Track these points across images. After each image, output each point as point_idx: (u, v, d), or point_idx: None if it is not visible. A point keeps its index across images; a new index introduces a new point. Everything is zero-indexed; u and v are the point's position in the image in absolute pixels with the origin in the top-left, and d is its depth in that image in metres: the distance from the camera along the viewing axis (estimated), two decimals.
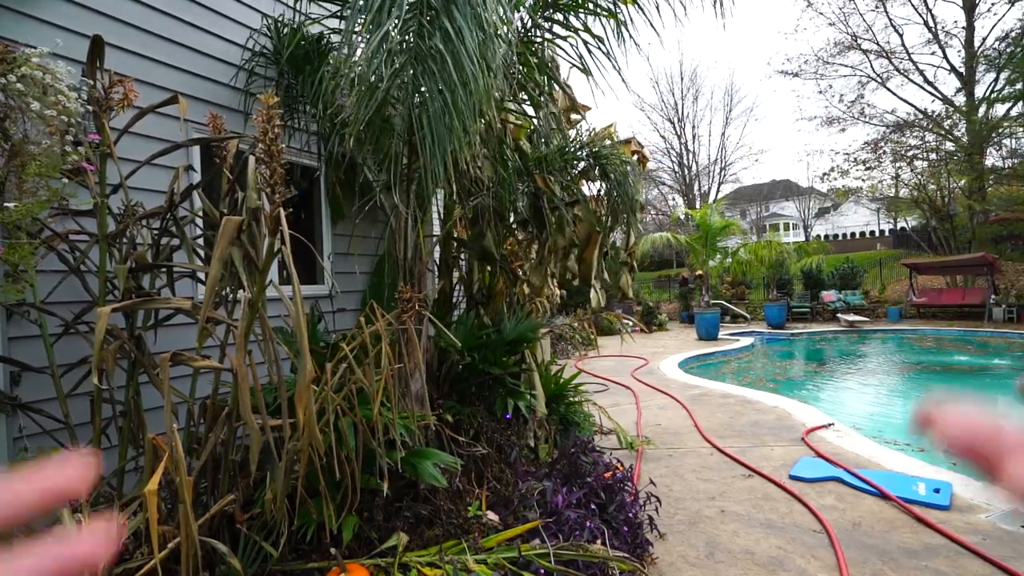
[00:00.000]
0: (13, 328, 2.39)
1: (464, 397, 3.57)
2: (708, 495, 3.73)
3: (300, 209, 4.24)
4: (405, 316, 2.59)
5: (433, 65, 2.37)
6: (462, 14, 2.26)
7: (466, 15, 2.26)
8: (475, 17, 2.27)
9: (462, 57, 2.24)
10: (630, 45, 3.18)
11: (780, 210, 42.70)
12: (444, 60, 2.29)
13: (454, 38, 2.26)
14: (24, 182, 1.95)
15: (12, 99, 1.90)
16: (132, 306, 1.89)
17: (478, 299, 4.24)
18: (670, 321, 18.25)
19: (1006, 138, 19.44)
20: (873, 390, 8.33)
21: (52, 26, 2.61)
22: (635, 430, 5.29)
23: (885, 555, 2.85)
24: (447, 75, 2.28)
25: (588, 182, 4.51)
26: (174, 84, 3.16)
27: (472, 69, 2.24)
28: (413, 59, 2.43)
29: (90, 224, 2.43)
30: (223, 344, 2.29)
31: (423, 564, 2.10)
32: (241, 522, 1.97)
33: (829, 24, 22.37)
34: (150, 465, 1.76)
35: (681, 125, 29.54)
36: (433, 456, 2.53)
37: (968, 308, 15.61)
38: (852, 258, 21.65)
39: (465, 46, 2.24)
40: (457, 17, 2.26)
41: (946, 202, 20.64)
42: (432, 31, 2.32)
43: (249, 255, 1.88)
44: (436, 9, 2.31)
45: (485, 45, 2.28)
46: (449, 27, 2.27)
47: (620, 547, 2.55)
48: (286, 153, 1.90)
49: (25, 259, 1.98)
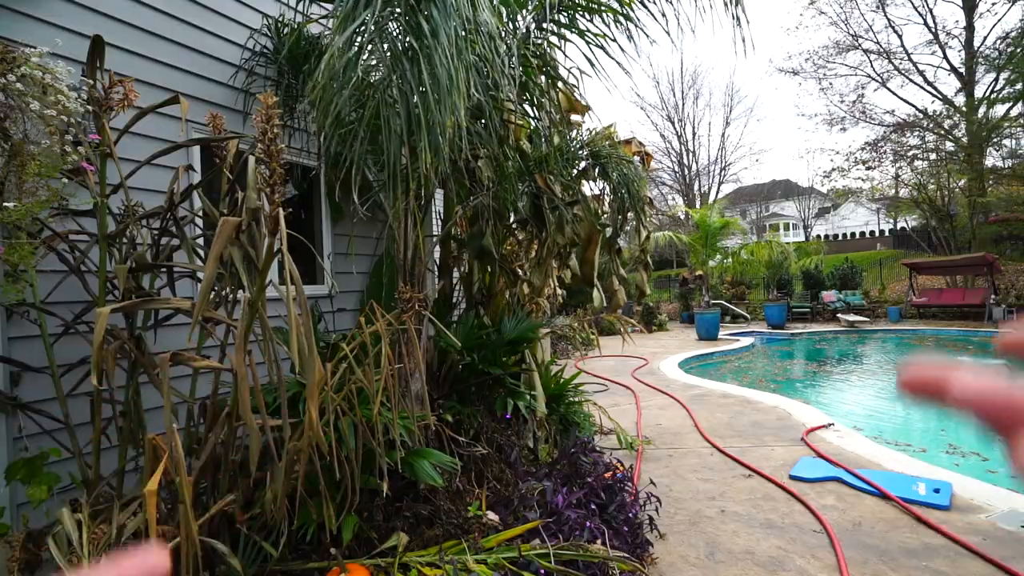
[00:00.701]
0: (13, 328, 2.39)
1: (464, 397, 3.56)
2: (708, 495, 3.73)
3: (300, 209, 4.24)
4: (405, 316, 2.59)
5: (406, 63, 2.34)
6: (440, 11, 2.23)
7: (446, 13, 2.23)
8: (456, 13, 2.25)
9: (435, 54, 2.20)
10: (634, 47, 3.18)
11: (780, 210, 42.72)
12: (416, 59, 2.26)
13: (428, 36, 2.22)
14: (24, 182, 1.95)
15: (12, 99, 1.90)
16: (132, 306, 1.88)
17: (478, 299, 4.24)
18: (670, 321, 18.25)
19: (1006, 138, 19.44)
20: (873, 390, 8.32)
21: (52, 26, 2.61)
22: (635, 430, 5.29)
23: (885, 555, 2.85)
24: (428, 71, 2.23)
25: (589, 182, 4.51)
26: (174, 84, 3.16)
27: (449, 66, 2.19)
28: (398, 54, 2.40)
29: (90, 224, 2.43)
30: (223, 344, 2.29)
31: (423, 564, 2.10)
32: (241, 522, 1.97)
33: (831, 24, 22.40)
34: (150, 465, 1.76)
35: (681, 125, 29.58)
36: (432, 456, 2.53)
37: (968, 308, 15.61)
38: (852, 258, 21.65)
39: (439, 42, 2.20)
40: (434, 15, 2.23)
41: (946, 202, 20.64)
42: (417, 23, 2.29)
43: (249, 255, 1.88)
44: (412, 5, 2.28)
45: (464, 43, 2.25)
46: (424, 24, 2.24)
47: (620, 547, 2.54)
48: (286, 153, 1.90)
49: (25, 259, 1.98)
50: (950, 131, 20.18)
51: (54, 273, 2.45)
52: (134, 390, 2.19)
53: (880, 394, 8.07)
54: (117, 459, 2.17)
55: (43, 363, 2.24)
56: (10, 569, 1.86)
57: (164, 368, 1.70)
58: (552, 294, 4.79)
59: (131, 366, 2.20)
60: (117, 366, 2.19)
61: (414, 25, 2.32)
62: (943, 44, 20.32)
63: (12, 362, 2.36)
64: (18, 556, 1.88)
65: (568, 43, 3.36)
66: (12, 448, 2.35)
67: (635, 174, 4.03)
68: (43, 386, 2.39)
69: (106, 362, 1.81)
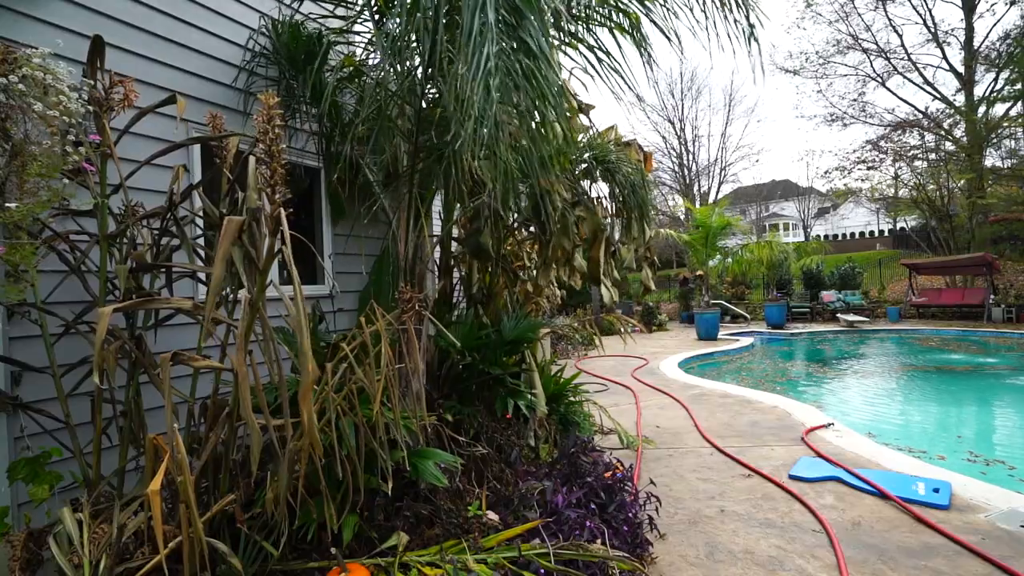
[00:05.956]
0: (14, 328, 2.40)
1: (464, 397, 3.57)
2: (708, 495, 3.73)
3: (300, 209, 4.24)
4: (405, 316, 2.59)
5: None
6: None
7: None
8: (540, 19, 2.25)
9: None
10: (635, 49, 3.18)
11: (780, 210, 42.75)
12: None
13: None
14: (25, 182, 1.95)
15: (13, 99, 1.90)
16: (133, 306, 1.89)
17: (478, 299, 4.25)
18: (670, 321, 18.25)
19: (1006, 138, 19.45)
20: (873, 390, 8.33)
21: (52, 26, 2.61)
22: (635, 430, 5.29)
23: (884, 555, 2.86)
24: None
25: (590, 182, 4.51)
26: (174, 84, 3.17)
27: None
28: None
29: (90, 224, 2.43)
30: (223, 344, 2.29)
31: (423, 564, 2.11)
32: (242, 521, 1.97)
33: (829, 24, 22.40)
34: (151, 465, 1.76)
35: (681, 125, 29.60)
36: (435, 456, 2.53)
37: (967, 308, 15.62)
38: (852, 258, 21.67)
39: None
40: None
41: (946, 202, 20.66)
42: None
43: (250, 255, 1.89)
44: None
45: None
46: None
47: (620, 547, 2.55)
48: (286, 153, 1.91)
49: (27, 259, 1.98)
50: (950, 131, 20.19)
51: (55, 273, 2.46)
52: (135, 390, 2.19)
53: (880, 394, 8.08)
54: (118, 459, 2.18)
55: (44, 363, 2.24)
56: (11, 568, 1.87)
57: (165, 368, 1.70)
58: (552, 294, 4.80)
59: (132, 366, 2.20)
60: (118, 366, 2.20)
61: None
62: (942, 44, 20.34)
63: (13, 362, 2.36)
64: (19, 555, 1.88)
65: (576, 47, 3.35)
66: (13, 448, 2.36)
67: (639, 179, 4.05)
68: (44, 386, 2.39)
69: (107, 362, 1.81)
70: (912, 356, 11.34)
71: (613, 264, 4.55)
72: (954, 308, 16.03)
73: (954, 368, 9.79)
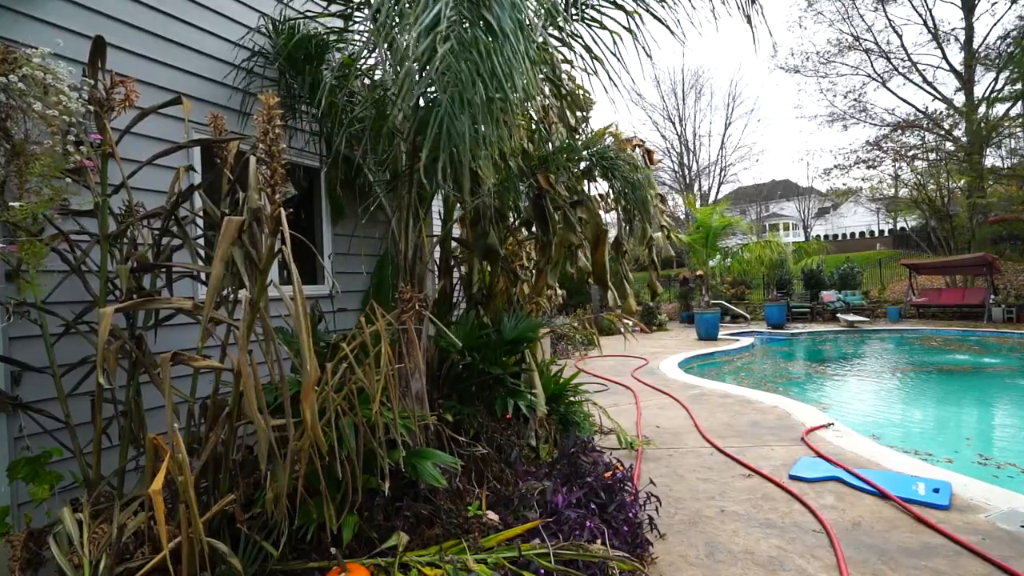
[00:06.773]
0: (14, 328, 2.39)
1: (464, 397, 3.57)
2: (708, 495, 3.73)
3: (300, 209, 4.24)
4: (405, 316, 2.59)
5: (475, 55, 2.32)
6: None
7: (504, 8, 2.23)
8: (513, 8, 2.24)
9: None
10: (637, 46, 3.18)
11: (780, 210, 42.71)
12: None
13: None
14: (26, 182, 1.95)
15: (14, 99, 1.90)
16: (134, 306, 1.89)
17: (478, 299, 4.24)
18: (670, 321, 18.25)
19: (1006, 138, 19.44)
20: (873, 390, 8.33)
21: (53, 26, 2.61)
22: (635, 430, 5.29)
23: (885, 555, 2.86)
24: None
25: (591, 182, 4.50)
26: (175, 84, 3.17)
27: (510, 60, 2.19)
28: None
29: (91, 224, 2.43)
30: (224, 344, 2.29)
31: (423, 564, 2.11)
32: (241, 521, 1.97)
33: (829, 25, 22.40)
34: (151, 465, 1.76)
35: (682, 125, 29.60)
36: (434, 456, 2.53)
37: (967, 308, 15.62)
38: (852, 258, 21.66)
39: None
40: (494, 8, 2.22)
41: (946, 202, 20.65)
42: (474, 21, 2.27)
43: (250, 255, 1.89)
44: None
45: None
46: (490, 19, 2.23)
47: (620, 547, 2.55)
48: (286, 153, 1.91)
49: (39, 257, 1.99)
50: (950, 131, 20.18)
51: (55, 273, 2.46)
52: (135, 390, 2.19)
53: (880, 394, 8.08)
54: (118, 458, 2.18)
55: (44, 363, 2.24)
56: (12, 568, 1.87)
57: (165, 368, 1.70)
58: (552, 294, 4.79)
59: (132, 366, 2.20)
60: (118, 366, 2.20)
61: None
62: (942, 44, 20.33)
63: (13, 362, 2.36)
64: (19, 555, 1.88)
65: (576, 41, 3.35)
66: (13, 448, 2.36)
67: (643, 178, 4.04)
68: (44, 386, 2.39)
69: (108, 361, 1.81)
70: (913, 356, 11.34)
71: (622, 265, 4.51)
72: (954, 308, 16.02)
73: (958, 368, 9.78)
